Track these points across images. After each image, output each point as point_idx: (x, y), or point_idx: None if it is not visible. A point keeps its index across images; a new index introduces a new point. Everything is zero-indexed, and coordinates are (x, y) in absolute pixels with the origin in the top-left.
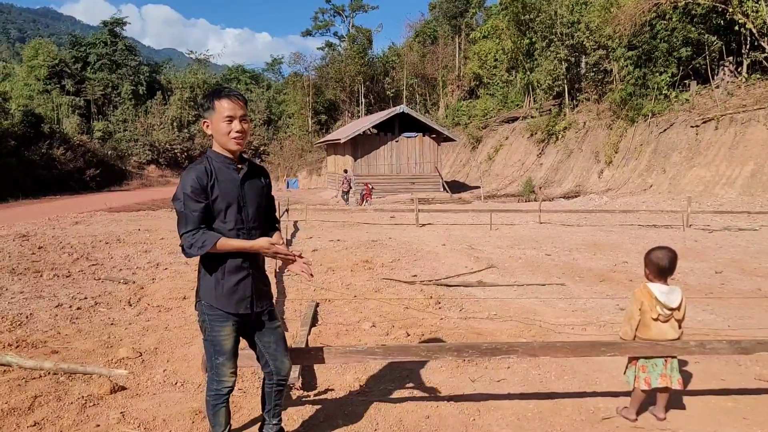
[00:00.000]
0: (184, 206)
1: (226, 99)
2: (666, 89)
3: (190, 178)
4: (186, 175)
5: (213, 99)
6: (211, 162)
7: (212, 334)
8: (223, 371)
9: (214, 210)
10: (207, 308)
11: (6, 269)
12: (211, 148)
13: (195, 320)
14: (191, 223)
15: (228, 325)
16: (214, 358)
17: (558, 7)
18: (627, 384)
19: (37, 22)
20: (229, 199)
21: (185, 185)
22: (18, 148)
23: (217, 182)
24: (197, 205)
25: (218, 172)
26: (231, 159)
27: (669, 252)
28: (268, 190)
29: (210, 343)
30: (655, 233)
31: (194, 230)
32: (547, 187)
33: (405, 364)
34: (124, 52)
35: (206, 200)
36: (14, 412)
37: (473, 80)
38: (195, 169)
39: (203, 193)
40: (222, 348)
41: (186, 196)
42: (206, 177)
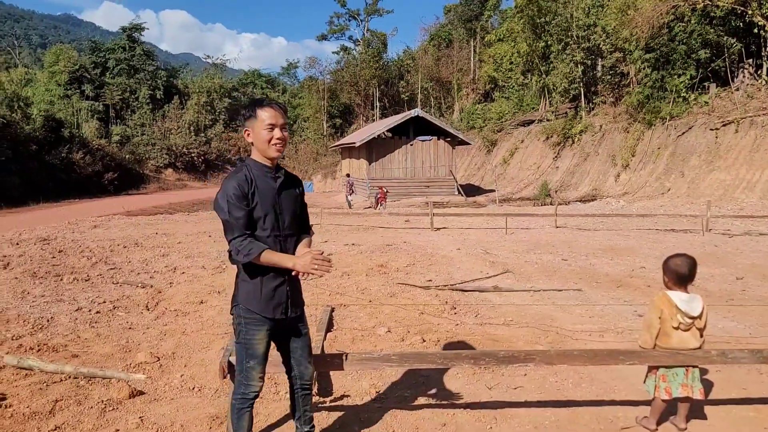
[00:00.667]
0: (229, 214)
1: (267, 108)
2: (684, 92)
3: (231, 186)
4: (227, 182)
5: (255, 108)
6: (251, 170)
7: (246, 338)
8: (252, 375)
9: (254, 216)
10: (244, 312)
11: (28, 273)
12: (250, 157)
13: (212, 325)
14: (237, 230)
15: (263, 329)
16: (245, 361)
17: (574, 10)
18: (647, 393)
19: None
20: (267, 207)
21: (227, 193)
22: (39, 152)
23: (257, 190)
24: (240, 212)
25: (258, 180)
26: (269, 167)
27: (688, 259)
28: (301, 198)
29: (242, 347)
30: (673, 238)
31: (241, 236)
32: (563, 190)
33: (421, 371)
34: (142, 57)
35: (248, 207)
36: (35, 416)
37: (488, 83)
38: (236, 177)
39: (245, 200)
40: (254, 352)
41: (229, 203)
42: (247, 185)
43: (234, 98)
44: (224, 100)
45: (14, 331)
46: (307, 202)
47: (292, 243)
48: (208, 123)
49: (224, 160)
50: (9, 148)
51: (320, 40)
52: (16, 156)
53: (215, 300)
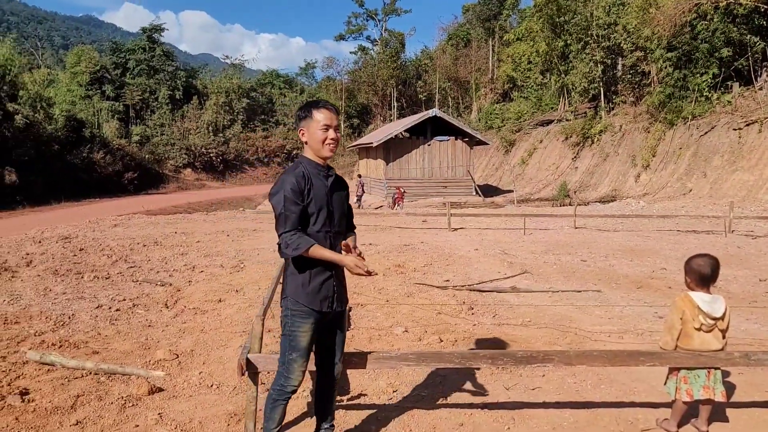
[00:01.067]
0: (284, 207)
1: (323, 109)
2: (707, 91)
3: (289, 181)
4: (285, 177)
5: (311, 108)
6: (306, 167)
7: (291, 329)
8: (293, 368)
9: (308, 213)
10: (292, 304)
11: (50, 270)
12: (303, 155)
13: (230, 323)
14: (290, 224)
15: (309, 322)
16: (288, 353)
17: (594, 8)
18: (668, 395)
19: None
20: (320, 204)
21: (285, 187)
22: (61, 152)
23: (312, 187)
24: (296, 207)
25: (313, 178)
26: (321, 166)
27: (711, 259)
28: (347, 198)
29: (287, 338)
30: (695, 239)
31: (292, 231)
32: (582, 191)
33: (438, 371)
34: (162, 57)
35: (303, 203)
36: (57, 411)
37: (507, 83)
38: (294, 173)
39: (301, 195)
40: (297, 344)
41: (286, 198)
42: (303, 181)
43: (252, 98)
44: (242, 101)
45: (37, 327)
46: None
47: (340, 241)
48: (227, 123)
49: (242, 161)
50: (32, 148)
51: (338, 40)
52: (38, 156)
53: (233, 298)
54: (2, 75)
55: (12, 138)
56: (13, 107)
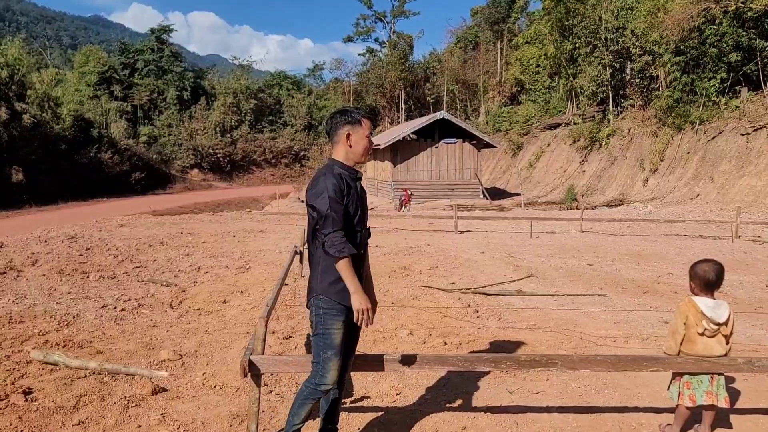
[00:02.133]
0: (330, 208)
1: (370, 120)
2: (715, 95)
3: (331, 183)
4: (326, 179)
5: (362, 116)
6: (340, 170)
7: (325, 327)
8: (329, 366)
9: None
10: (324, 302)
11: (55, 270)
12: (334, 158)
13: (234, 324)
14: (336, 224)
15: (341, 319)
16: (323, 352)
17: (602, 12)
18: (671, 400)
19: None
20: (358, 205)
21: (328, 188)
22: (69, 151)
23: (348, 189)
24: (340, 207)
25: (347, 181)
26: (353, 170)
27: (716, 265)
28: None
29: (321, 337)
30: (701, 244)
31: (338, 231)
32: (590, 195)
33: (442, 373)
34: (170, 58)
35: (344, 203)
36: (60, 410)
37: (515, 86)
38: (333, 175)
39: (342, 196)
40: (332, 341)
41: (331, 198)
42: (342, 183)
43: (260, 99)
44: (250, 102)
45: (41, 326)
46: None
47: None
48: (234, 124)
49: (249, 161)
50: (40, 148)
51: (346, 42)
52: (46, 155)
53: (238, 300)
54: (11, 75)
55: (19, 137)
56: (21, 107)
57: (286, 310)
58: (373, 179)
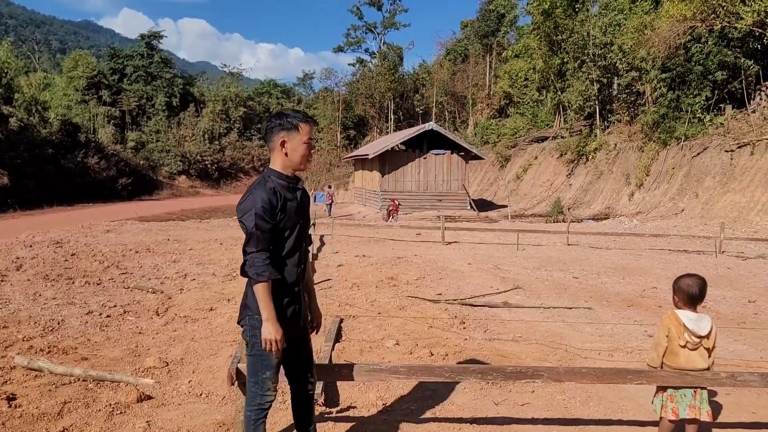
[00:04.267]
0: (255, 227)
1: (309, 124)
2: (700, 112)
3: (260, 199)
4: (255, 194)
5: (299, 121)
6: (275, 183)
7: (262, 349)
8: (267, 385)
9: (280, 230)
10: (260, 322)
11: (40, 275)
12: (271, 167)
13: (221, 332)
14: (260, 244)
15: None
16: (261, 372)
17: (591, 28)
18: (655, 413)
19: (78, 34)
20: (294, 219)
21: (256, 205)
22: (55, 156)
23: (284, 204)
24: (267, 225)
25: (283, 193)
26: (291, 179)
27: (699, 279)
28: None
29: (258, 358)
30: (686, 258)
31: (261, 252)
32: (576, 208)
33: (428, 384)
34: (160, 64)
35: (274, 221)
36: (44, 417)
37: (503, 99)
38: (264, 189)
39: (273, 213)
40: (269, 362)
41: (257, 215)
42: (275, 198)
43: (249, 107)
44: (239, 109)
45: (25, 332)
46: (318, 213)
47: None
48: (223, 131)
49: (237, 169)
50: (26, 151)
51: (336, 52)
52: (32, 159)
53: (225, 308)
54: None
55: (6, 141)
56: (7, 110)
57: None
58: (361, 189)
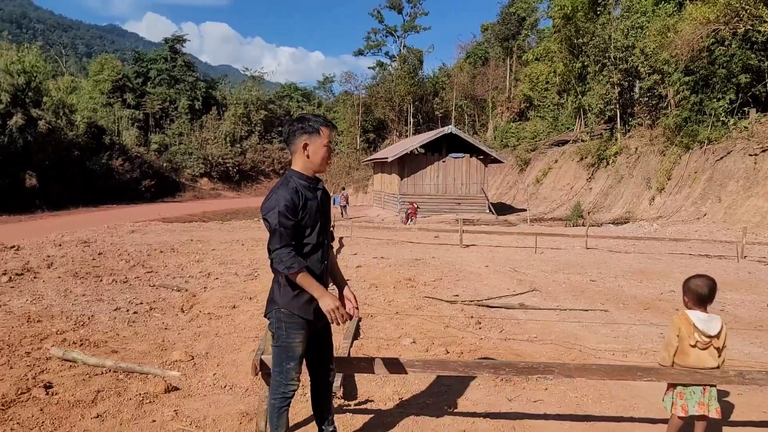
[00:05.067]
0: (279, 224)
1: (329, 128)
2: (723, 116)
3: (283, 198)
4: (279, 193)
5: (320, 125)
6: (297, 183)
7: (287, 341)
8: (291, 375)
9: (302, 228)
10: (285, 316)
11: (70, 273)
12: (293, 168)
13: (243, 328)
14: (283, 240)
15: (303, 332)
16: (285, 363)
17: (612, 31)
18: (665, 410)
19: (103, 38)
20: (314, 219)
21: (279, 203)
22: (81, 158)
23: (305, 203)
24: (289, 222)
25: (304, 192)
26: (311, 179)
27: (708, 280)
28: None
29: (282, 349)
30: (706, 263)
31: (286, 247)
32: (596, 212)
33: (443, 380)
34: (183, 68)
35: (296, 219)
36: (79, 404)
37: (523, 102)
38: (287, 189)
39: (295, 211)
40: (294, 353)
41: (280, 213)
42: (297, 197)
43: (270, 110)
44: (260, 112)
45: (58, 326)
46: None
47: (328, 248)
48: (244, 134)
49: (258, 171)
50: (53, 154)
51: (357, 56)
52: (59, 161)
53: (247, 305)
54: (27, 81)
55: (34, 143)
56: (36, 113)
57: None
58: (380, 192)
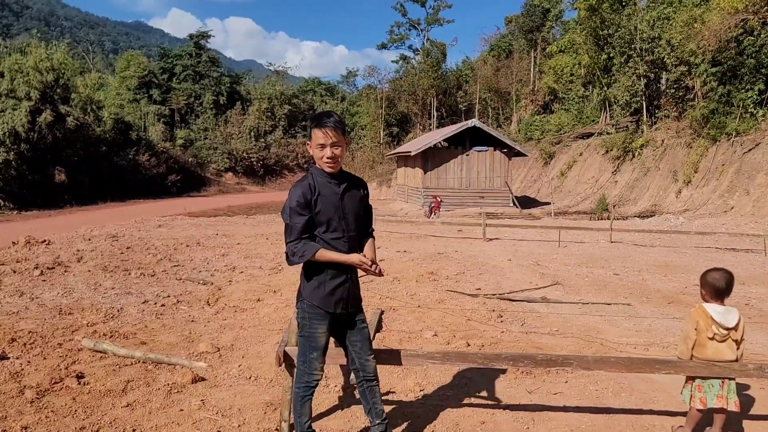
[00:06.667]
0: (290, 219)
1: (319, 129)
2: (752, 107)
3: (296, 194)
4: (293, 190)
5: (311, 127)
6: (315, 178)
7: (310, 331)
8: (314, 365)
9: (318, 221)
10: (308, 307)
11: (99, 266)
12: (314, 165)
13: (268, 321)
14: (294, 234)
15: (325, 323)
16: (308, 353)
17: (638, 22)
18: (683, 403)
19: (129, 35)
20: (331, 212)
21: (291, 200)
22: (108, 153)
23: (320, 197)
24: (301, 218)
25: (321, 188)
26: (328, 176)
27: (726, 273)
28: (366, 199)
29: (306, 339)
30: (732, 257)
31: (297, 240)
32: (622, 205)
33: (464, 373)
34: (208, 63)
35: (309, 213)
36: (110, 393)
37: (548, 95)
38: (300, 185)
39: (307, 207)
40: (316, 344)
41: (291, 209)
42: (310, 192)
43: (294, 105)
44: (284, 107)
45: (89, 318)
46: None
47: (356, 242)
48: (268, 129)
49: (282, 166)
50: (81, 149)
51: (380, 49)
52: (87, 157)
53: (271, 299)
54: (56, 78)
55: (63, 139)
56: (65, 109)
57: None
58: (404, 185)
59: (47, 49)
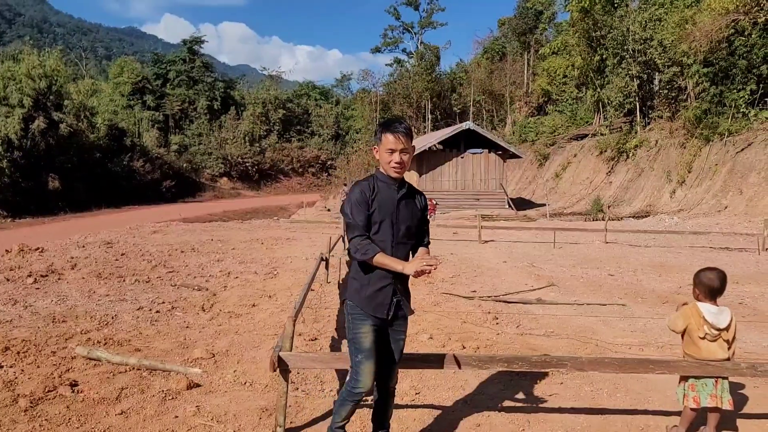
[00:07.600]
0: (351, 216)
1: (391, 134)
2: (744, 107)
3: (356, 192)
4: (354, 188)
5: (382, 131)
6: (377, 180)
7: (353, 332)
8: (361, 370)
9: (372, 221)
10: (351, 307)
11: (93, 273)
12: (378, 169)
13: (263, 326)
14: (357, 230)
15: (366, 324)
16: (354, 356)
17: (630, 23)
18: (677, 402)
19: (122, 41)
20: (385, 215)
21: (352, 198)
22: (102, 160)
23: (378, 197)
24: (361, 215)
25: (381, 189)
26: (393, 180)
27: (719, 273)
28: (422, 213)
29: (351, 342)
30: (727, 256)
31: (360, 236)
32: (616, 206)
33: (460, 375)
34: (201, 68)
35: (368, 211)
36: (104, 401)
37: (542, 97)
38: (362, 184)
39: (366, 204)
40: (361, 345)
41: (353, 206)
42: (369, 190)
43: (288, 109)
44: (279, 111)
45: (83, 326)
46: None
47: (404, 252)
48: (263, 133)
49: (277, 170)
50: (75, 156)
51: (374, 53)
52: (81, 163)
53: (266, 304)
54: (49, 85)
55: (56, 146)
56: (58, 116)
57: (312, 314)
58: None
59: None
